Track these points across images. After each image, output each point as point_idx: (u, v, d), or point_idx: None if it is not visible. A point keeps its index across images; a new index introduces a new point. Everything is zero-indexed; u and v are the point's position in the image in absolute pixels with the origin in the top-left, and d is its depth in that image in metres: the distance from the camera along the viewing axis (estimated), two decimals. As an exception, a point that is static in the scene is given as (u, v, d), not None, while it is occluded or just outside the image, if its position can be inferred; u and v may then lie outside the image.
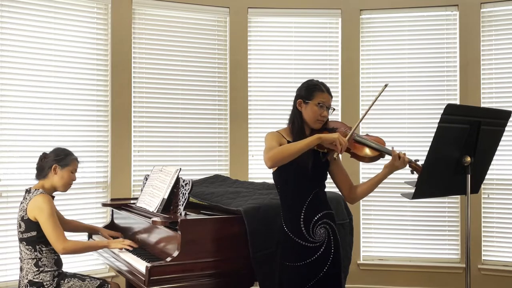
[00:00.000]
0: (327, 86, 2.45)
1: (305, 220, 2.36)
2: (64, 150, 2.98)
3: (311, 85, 2.44)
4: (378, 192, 4.65)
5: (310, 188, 2.39)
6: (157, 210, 2.89)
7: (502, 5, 4.49)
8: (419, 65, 4.68)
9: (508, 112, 2.40)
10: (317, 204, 2.39)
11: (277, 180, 2.46)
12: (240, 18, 4.73)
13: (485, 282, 4.40)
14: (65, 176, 2.92)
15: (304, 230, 2.36)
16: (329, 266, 2.37)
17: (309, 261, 2.36)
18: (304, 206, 2.37)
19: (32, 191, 2.85)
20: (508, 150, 4.34)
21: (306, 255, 2.36)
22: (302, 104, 2.42)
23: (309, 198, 2.38)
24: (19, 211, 2.84)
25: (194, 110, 4.68)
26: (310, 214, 2.37)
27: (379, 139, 2.45)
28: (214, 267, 2.58)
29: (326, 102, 2.40)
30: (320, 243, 2.37)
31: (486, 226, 4.48)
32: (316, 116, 2.39)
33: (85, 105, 4.28)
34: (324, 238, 2.38)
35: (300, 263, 2.36)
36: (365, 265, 4.64)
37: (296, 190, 2.39)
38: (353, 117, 4.66)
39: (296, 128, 2.41)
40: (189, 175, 3.75)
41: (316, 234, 2.37)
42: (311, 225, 2.37)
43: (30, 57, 4.01)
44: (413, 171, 2.36)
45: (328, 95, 2.42)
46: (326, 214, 2.41)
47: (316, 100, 2.38)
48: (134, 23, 4.48)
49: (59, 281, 2.82)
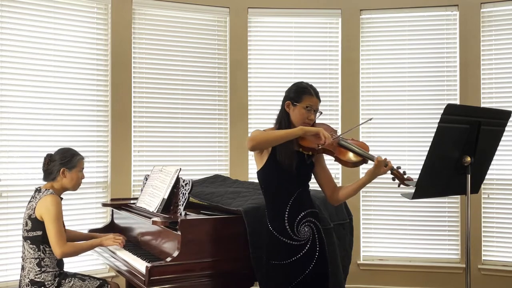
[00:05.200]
0: (316, 90, 2.48)
1: (289, 218, 2.38)
2: (68, 150, 2.98)
3: (300, 87, 2.46)
4: (378, 192, 4.69)
5: (294, 188, 2.41)
6: (157, 210, 2.89)
7: (502, 5, 4.49)
8: (419, 65, 4.68)
9: (508, 112, 2.40)
10: (301, 202, 2.41)
11: (261, 180, 2.48)
12: (240, 18, 4.73)
13: (485, 282, 4.40)
14: (74, 177, 2.95)
15: (289, 228, 2.38)
16: (314, 265, 2.38)
17: (294, 259, 2.37)
18: (288, 205, 2.39)
19: (42, 190, 2.87)
20: (508, 150, 4.34)
21: (291, 253, 2.38)
22: (290, 105, 2.45)
23: (293, 197, 2.40)
24: (27, 209, 2.86)
25: (194, 110, 4.68)
26: (294, 213, 2.39)
27: (364, 145, 2.46)
28: (214, 267, 2.58)
29: (314, 106, 2.43)
30: (304, 241, 2.39)
31: (486, 226, 4.48)
32: (303, 118, 2.42)
33: (85, 105, 4.28)
34: (309, 236, 2.40)
35: (285, 261, 2.38)
36: (365, 265, 4.64)
37: (280, 190, 2.41)
38: (353, 117, 4.66)
39: (282, 129, 2.43)
40: (189, 175, 3.75)
41: (301, 232, 2.39)
42: (295, 223, 2.39)
43: (30, 57, 4.01)
44: (394, 178, 2.35)
45: (317, 99, 2.45)
46: (310, 212, 2.43)
47: (304, 103, 2.41)
48: (134, 23, 4.48)
49: (60, 281, 2.82)
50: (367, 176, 2.37)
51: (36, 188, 2.92)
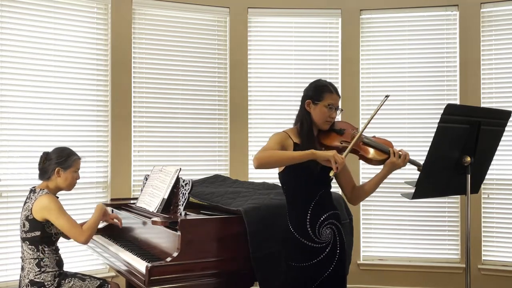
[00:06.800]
0: (335, 87, 2.45)
1: (311, 221, 2.36)
2: (64, 150, 2.97)
3: (320, 86, 2.43)
4: (378, 192, 4.62)
5: (316, 189, 2.38)
6: (157, 210, 2.89)
7: (502, 5, 4.49)
8: (419, 65, 4.68)
9: (508, 112, 2.40)
10: (323, 204, 2.39)
11: (284, 181, 2.45)
12: (240, 18, 4.73)
13: (485, 282, 4.40)
14: (69, 177, 2.92)
15: (310, 230, 2.35)
16: (334, 267, 2.36)
17: (315, 261, 2.35)
18: (310, 207, 2.36)
19: (37, 191, 2.85)
20: (508, 150, 4.34)
21: (312, 255, 2.36)
22: (310, 104, 2.41)
23: (316, 198, 2.37)
24: (23, 210, 2.84)
25: (194, 110, 4.68)
26: (316, 215, 2.36)
27: (387, 142, 2.45)
28: (214, 267, 2.57)
29: (335, 103, 2.40)
30: (326, 244, 2.36)
31: (486, 226, 4.48)
32: (325, 117, 2.39)
33: (85, 105, 4.28)
34: (330, 238, 2.38)
35: (306, 263, 2.36)
36: (365, 265, 4.64)
37: (303, 191, 2.39)
38: (353, 117, 4.65)
39: (304, 129, 2.40)
40: (189, 175, 3.75)
41: (322, 234, 2.36)
42: (317, 225, 2.36)
43: (30, 57, 4.01)
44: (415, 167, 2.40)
45: (337, 96, 2.42)
46: (332, 214, 2.40)
47: (326, 102, 2.38)
48: (134, 23, 4.48)
49: (60, 281, 2.82)
50: (387, 168, 2.37)
51: (31, 189, 2.90)
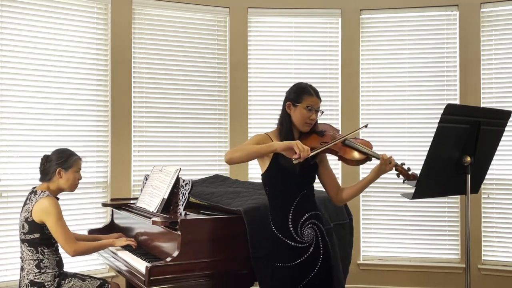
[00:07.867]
0: (316, 89, 2.47)
1: (293, 221, 2.38)
2: (65, 151, 2.96)
3: (300, 88, 2.46)
4: (378, 192, 4.69)
5: (298, 190, 2.41)
6: (157, 210, 2.89)
7: (502, 5, 4.49)
8: (419, 65, 4.68)
9: (508, 112, 2.40)
10: (305, 204, 2.41)
11: (266, 182, 2.47)
12: (240, 18, 4.73)
13: (485, 282, 4.40)
14: (71, 178, 2.91)
15: (293, 230, 2.38)
16: (320, 266, 2.38)
17: (299, 261, 2.37)
18: (292, 207, 2.39)
19: (38, 192, 2.83)
20: (508, 150, 4.34)
21: (295, 255, 2.38)
22: (291, 106, 2.44)
23: (297, 199, 2.39)
24: (23, 211, 2.82)
25: (194, 110, 4.68)
26: (298, 214, 2.39)
27: (367, 143, 2.45)
28: (214, 267, 2.58)
29: (315, 105, 2.42)
30: (308, 243, 2.38)
31: (486, 226, 4.48)
32: (304, 119, 2.41)
33: (85, 105, 4.28)
34: (312, 238, 2.39)
35: (290, 263, 2.37)
36: (365, 265, 4.64)
37: (284, 192, 2.41)
38: (353, 117, 4.66)
39: (284, 130, 2.43)
40: (189, 175, 3.75)
41: (304, 234, 2.38)
42: (299, 225, 2.38)
43: (30, 57, 4.01)
44: (399, 174, 2.35)
45: (317, 98, 2.43)
46: (313, 214, 2.43)
47: (304, 103, 2.40)
48: (134, 23, 4.48)
49: (60, 281, 2.82)
50: (373, 174, 2.36)
51: (31, 190, 2.89)
